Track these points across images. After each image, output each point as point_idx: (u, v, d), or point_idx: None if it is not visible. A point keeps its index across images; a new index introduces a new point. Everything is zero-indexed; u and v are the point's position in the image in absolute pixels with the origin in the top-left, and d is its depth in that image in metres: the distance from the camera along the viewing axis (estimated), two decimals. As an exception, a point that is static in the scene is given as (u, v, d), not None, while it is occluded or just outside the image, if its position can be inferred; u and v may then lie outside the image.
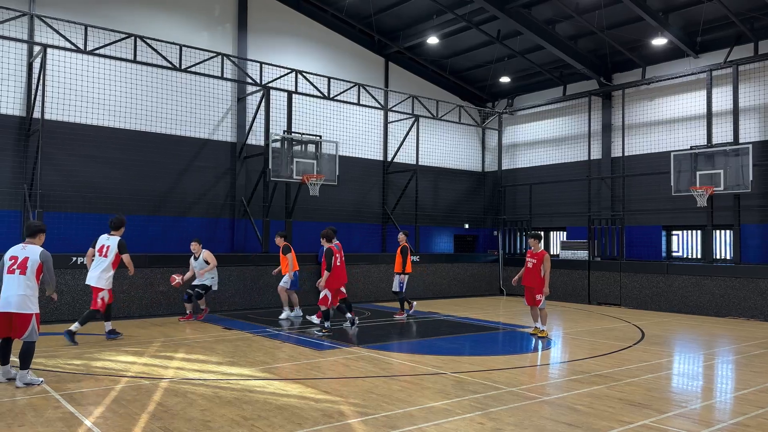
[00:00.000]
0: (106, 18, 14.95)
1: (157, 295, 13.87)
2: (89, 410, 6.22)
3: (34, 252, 7.08)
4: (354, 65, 19.77)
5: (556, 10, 17.15)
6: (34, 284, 7.04)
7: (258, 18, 17.82)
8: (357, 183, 19.34)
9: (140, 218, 15.38)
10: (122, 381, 7.54)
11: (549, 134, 21.36)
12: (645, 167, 18.11)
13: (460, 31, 19.08)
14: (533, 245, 11.53)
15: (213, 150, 16.87)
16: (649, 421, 6.13)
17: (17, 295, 6.91)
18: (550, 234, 21.66)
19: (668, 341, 11.60)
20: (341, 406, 6.53)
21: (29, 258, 7.05)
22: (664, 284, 16.42)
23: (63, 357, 8.93)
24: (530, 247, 11.61)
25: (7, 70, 13.89)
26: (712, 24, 16.33)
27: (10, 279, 6.99)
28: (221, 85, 16.87)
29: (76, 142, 14.58)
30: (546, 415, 6.30)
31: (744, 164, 15.07)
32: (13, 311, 6.94)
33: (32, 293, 7.03)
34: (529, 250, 11.64)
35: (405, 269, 14.16)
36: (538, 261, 11.35)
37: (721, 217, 16.58)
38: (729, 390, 7.87)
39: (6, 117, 13.87)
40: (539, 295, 11.32)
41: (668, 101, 18.07)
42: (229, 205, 17.13)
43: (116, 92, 15.20)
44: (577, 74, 19.77)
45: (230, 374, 8.02)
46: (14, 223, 13.89)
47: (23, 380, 7.14)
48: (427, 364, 8.81)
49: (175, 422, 5.88)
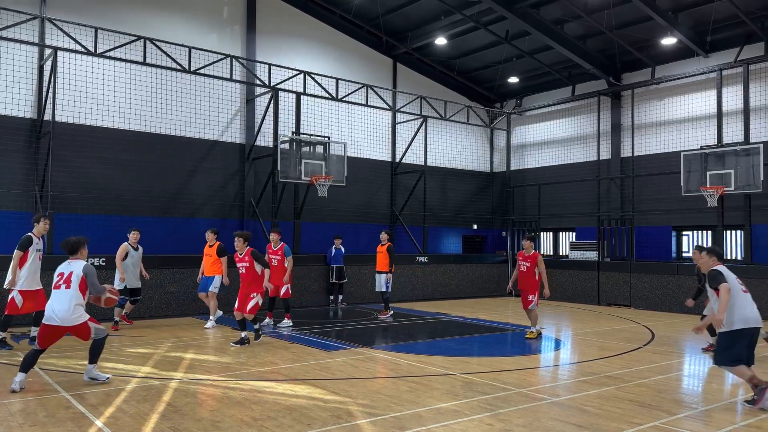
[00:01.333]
0: (115, 20, 15.05)
1: (167, 296, 13.95)
2: (100, 410, 6.26)
3: (77, 267, 7.46)
4: (362, 66, 19.80)
5: (564, 10, 17.10)
6: (79, 296, 7.38)
7: (266, 20, 17.88)
8: (365, 184, 19.35)
9: (150, 219, 15.47)
10: (132, 381, 7.59)
11: (558, 134, 21.29)
12: (655, 167, 18.02)
13: (468, 32, 19.06)
14: (526, 247, 11.49)
15: (222, 151, 16.94)
16: (659, 422, 6.10)
17: (63, 310, 7.19)
18: (560, 234, 21.58)
19: (678, 342, 11.53)
20: (350, 406, 6.54)
21: (73, 272, 7.44)
22: (674, 285, 16.32)
23: (74, 357, 8.99)
24: (522, 249, 11.61)
25: (19, 72, 14.01)
26: (722, 23, 16.23)
27: (57, 294, 7.37)
28: (230, 87, 16.93)
29: (86, 143, 14.68)
30: (555, 417, 6.28)
31: (755, 164, 14.96)
32: (63, 325, 7.21)
33: (78, 304, 7.36)
34: (521, 252, 11.61)
35: (392, 269, 14.00)
36: (531, 263, 11.32)
37: (731, 217, 16.47)
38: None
39: (17, 119, 13.99)
40: (531, 296, 11.29)
41: (678, 101, 17.97)
42: (238, 206, 17.20)
43: (126, 94, 15.29)
44: (586, 74, 19.70)
45: (239, 374, 8.05)
46: (25, 225, 13.93)
47: (89, 375, 7.51)
48: (436, 365, 8.81)
49: (185, 422, 5.91)
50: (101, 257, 13.24)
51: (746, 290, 7.00)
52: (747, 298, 6.90)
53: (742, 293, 6.90)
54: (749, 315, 6.77)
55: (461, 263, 19.78)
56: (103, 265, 13.17)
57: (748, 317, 6.75)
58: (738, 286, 6.93)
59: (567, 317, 14.97)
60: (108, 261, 13.29)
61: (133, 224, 15.10)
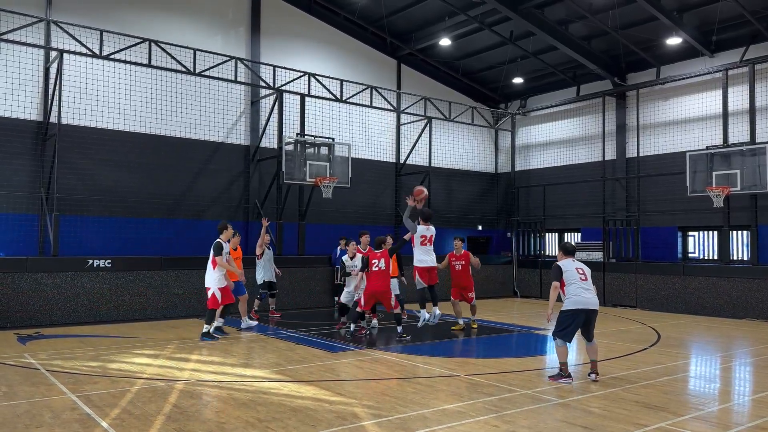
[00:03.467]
0: (121, 23, 15.10)
1: (173, 297, 13.98)
2: (105, 412, 6.28)
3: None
4: (366, 67, 19.81)
5: (569, 11, 17.07)
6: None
7: (271, 22, 17.91)
8: (370, 185, 19.35)
9: (155, 221, 15.52)
10: (138, 383, 7.60)
11: (563, 135, 21.24)
12: (660, 167, 17.95)
13: (472, 33, 19.04)
14: (457, 247, 12.51)
15: (227, 153, 16.97)
16: (666, 423, 6.07)
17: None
18: (565, 235, 21.52)
19: (684, 343, 11.49)
20: (355, 408, 6.53)
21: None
22: (680, 286, 16.26)
23: (80, 359, 9.02)
24: (453, 250, 12.50)
25: (25, 75, 14.08)
26: (727, 23, 16.17)
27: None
28: (235, 89, 16.96)
29: (92, 146, 14.73)
30: (561, 418, 6.27)
31: (761, 164, 14.88)
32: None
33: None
34: (452, 253, 12.54)
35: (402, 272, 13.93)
36: (465, 262, 12.46)
37: (737, 217, 16.39)
38: (746, 393, 7.79)
39: (23, 122, 14.04)
40: (471, 293, 12.46)
41: (683, 101, 17.91)
42: (243, 208, 17.23)
43: (131, 96, 15.34)
44: (590, 74, 19.65)
45: (244, 376, 8.06)
46: (32, 227, 14.06)
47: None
48: (441, 367, 8.80)
49: (190, 424, 5.92)
50: (107, 259, 13.29)
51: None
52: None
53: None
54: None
55: (466, 264, 19.72)
56: (108, 266, 13.23)
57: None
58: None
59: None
60: (113, 263, 13.34)
61: (137, 225, 15.21)
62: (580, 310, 7.83)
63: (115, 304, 13.21)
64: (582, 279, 7.96)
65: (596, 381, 7.84)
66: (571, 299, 7.86)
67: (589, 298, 7.88)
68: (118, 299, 13.26)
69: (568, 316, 7.87)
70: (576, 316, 7.84)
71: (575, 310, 7.83)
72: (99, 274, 13.11)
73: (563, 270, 8.00)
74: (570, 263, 8.11)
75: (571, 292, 7.88)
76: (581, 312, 7.83)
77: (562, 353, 7.92)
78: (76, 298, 12.79)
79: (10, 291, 12.14)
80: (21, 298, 12.21)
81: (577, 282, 7.92)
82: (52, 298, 12.54)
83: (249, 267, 13.41)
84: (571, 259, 8.23)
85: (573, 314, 7.83)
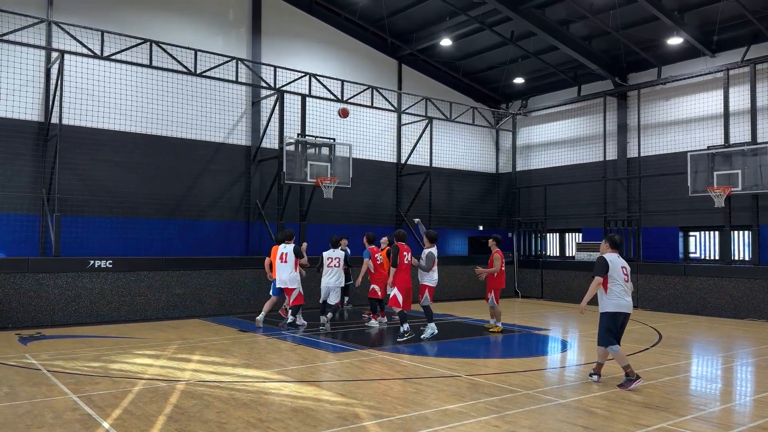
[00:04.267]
0: (122, 24, 15.11)
1: (174, 298, 13.98)
2: (107, 412, 6.28)
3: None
4: (367, 68, 19.81)
5: (569, 11, 17.06)
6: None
7: (271, 22, 17.92)
8: (370, 185, 19.36)
9: (156, 221, 15.54)
10: (139, 383, 7.61)
11: (564, 135, 21.23)
12: (661, 168, 17.94)
13: (473, 33, 19.04)
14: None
15: (228, 153, 16.99)
16: (667, 424, 6.07)
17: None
18: (566, 235, 21.52)
19: (686, 343, 11.48)
20: (356, 408, 6.53)
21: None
22: (681, 286, 16.24)
23: (81, 359, 9.03)
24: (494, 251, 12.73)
25: (26, 76, 14.09)
26: (728, 22, 16.15)
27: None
28: (235, 89, 16.98)
29: (93, 146, 14.75)
30: (562, 418, 6.26)
31: (762, 164, 14.86)
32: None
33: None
34: (499, 251, 12.67)
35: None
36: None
37: (739, 217, 16.38)
38: (748, 393, 7.78)
39: (24, 122, 14.06)
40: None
41: (684, 101, 17.90)
42: (244, 208, 17.23)
43: (132, 97, 15.35)
44: (591, 74, 19.64)
45: (246, 376, 8.06)
46: (33, 227, 14.08)
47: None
48: (442, 367, 8.80)
49: (192, 424, 5.92)
50: (108, 259, 13.29)
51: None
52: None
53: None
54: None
55: (467, 264, 19.71)
56: (110, 267, 13.24)
57: None
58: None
59: (574, 318, 14.92)
60: (114, 263, 13.34)
61: (138, 226, 15.23)
62: (620, 313, 7.59)
63: (116, 305, 13.22)
64: (626, 280, 7.64)
65: (599, 383, 7.77)
66: (614, 301, 7.55)
67: (629, 302, 7.63)
68: (119, 299, 13.27)
69: (609, 319, 7.59)
70: (616, 319, 7.60)
71: (616, 313, 7.57)
72: (100, 275, 13.12)
73: (610, 266, 7.60)
74: (616, 259, 7.71)
75: (615, 293, 7.56)
76: (620, 315, 7.61)
77: (621, 357, 7.59)
78: (77, 299, 12.80)
79: (12, 291, 12.15)
80: (22, 298, 12.22)
81: (621, 283, 7.59)
82: (54, 299, 12.55)
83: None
84: (617, 254, 7.80)
85: (614, 317, 7.58)
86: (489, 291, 12.61)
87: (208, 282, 14.42)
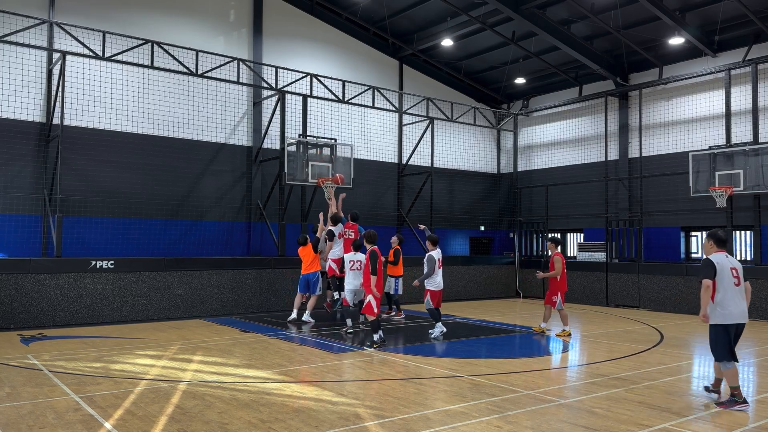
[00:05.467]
0: (123, 24, 15.13)
1: (176, 298, 13.99)
2: (108, 412, 6.29)
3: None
4: (368, 68, 19.82)
5: (571, 11, 17.05)
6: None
7: (273, 23, 17.93)
8: (372, 186, 19.35)
9: (158, 222, 15.55)
10: (141, 384, 7.61)
11: (565, 135, 21.23)
12: (663, 168, 17.93)
13: (474, 33, 19.04)
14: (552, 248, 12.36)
15: (229, 154, 17.00)
16: (669, 424, 6.06)
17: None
18: (568, 236, 21.51)
19: (688, 344, 11.47)
20: (358, 408, 6.53)
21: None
22: (683, 286, 16.22)
23: (83, 360, 9.04)
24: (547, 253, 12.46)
25: (28, 77, 14.11)
26: (730, 22, 16.14)
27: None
28: (237, 90, 16.99)
29: (94, 147, 14.77)
30: (564, 419, 6.26)
31: (764, 164, 14.84)
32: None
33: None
34: (560, 253, 12.27)
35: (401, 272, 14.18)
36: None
37: (741, 217, 16.36)
38: (750, 393, 7.76)
39: (26, 123, 14.08)
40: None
41: (686, 101, 17.88)
42: (246, 209, 17.24)
43: (134, 98, 15.37)
44: (593, 75, 19.64)
45: (247, 377, 8.06)
46: (35, 228, 14.10)
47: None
48: (444, 367, 8.79)
49: (193, 425, 5.92)
50: (110, 260, 13.31)
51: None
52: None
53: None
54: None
55: (469, 265, 19.74)
56: (111, 267, 13.25)
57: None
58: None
59: (575, 319, 14.91)
60: (116, 264, 13.35)
61: (139, 226, 15.24)
62: (729, 325, 6.70)
63: (117, 305, 13.23)
64: (736, 284, 6.73)
65: (718, 400, 6.88)
66: (724, 312, 6.68)
67: (743, 310, 6.75)
68: (120, 300, 13.28)
69: (721, 332, 6.72)
70: (727, 331, 6.72)
71: (726, 325, 6.69)
72: (102, 275, 13.14)
73: (717, 268, 6.71)
74: (724, 259, 6.78)
75: (725, 301, 6.67)
76: (731, 327, 6.72)
77: (732, 376, 6.71)
78: (79, 299, 12.81)
79: (14, 292, 12.16)
80: (24, 299, 12.24)
81: (732, 288, 6.68)
82: (55, 299, 12.56)
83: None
84: (724, 253, 6.89)
85: (726, 329, 6.70)
86: (553, 294, 11.95)
87: (209, 282, 14.43)
